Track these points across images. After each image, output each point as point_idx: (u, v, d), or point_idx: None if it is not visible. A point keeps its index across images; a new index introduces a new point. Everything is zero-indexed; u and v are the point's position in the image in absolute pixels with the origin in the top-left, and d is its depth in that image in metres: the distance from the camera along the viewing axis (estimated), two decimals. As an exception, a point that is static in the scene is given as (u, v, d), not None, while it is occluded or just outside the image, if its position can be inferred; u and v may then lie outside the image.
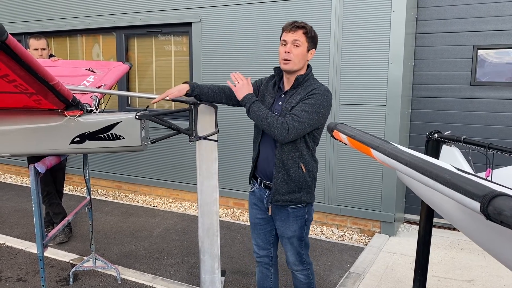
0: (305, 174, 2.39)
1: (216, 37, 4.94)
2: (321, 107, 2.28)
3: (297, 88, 2.37)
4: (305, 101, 2.27)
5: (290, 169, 2.36)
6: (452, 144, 2.27)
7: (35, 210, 2.66)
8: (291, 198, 2.40)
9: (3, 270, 3.65)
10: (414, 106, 4.60)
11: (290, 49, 2.30)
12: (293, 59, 2.31)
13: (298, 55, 2.30)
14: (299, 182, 2.39)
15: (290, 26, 2.31)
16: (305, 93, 2.31)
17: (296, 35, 2.29)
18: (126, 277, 3.53)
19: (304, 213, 2.47)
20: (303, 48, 2.31)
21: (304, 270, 2.59)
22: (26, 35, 6.12)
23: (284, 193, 2.39)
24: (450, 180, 0.93)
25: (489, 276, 3.49)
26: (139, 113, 2.59)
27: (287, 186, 2.38)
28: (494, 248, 1.31)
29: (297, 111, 2.25)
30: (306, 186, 2.42)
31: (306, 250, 2.59)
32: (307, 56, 2.35)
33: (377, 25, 4.12)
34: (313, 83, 2.36)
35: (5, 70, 1.90)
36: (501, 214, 0.78)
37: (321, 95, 2.28)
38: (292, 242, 2.51)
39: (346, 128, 1.44)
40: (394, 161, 1.13)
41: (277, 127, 2.22)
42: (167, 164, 5.52)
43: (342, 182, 4.47)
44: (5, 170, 7.08)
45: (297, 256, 2.55)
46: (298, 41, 2.29)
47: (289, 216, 2.45)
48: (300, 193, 2.40)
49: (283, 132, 2.22)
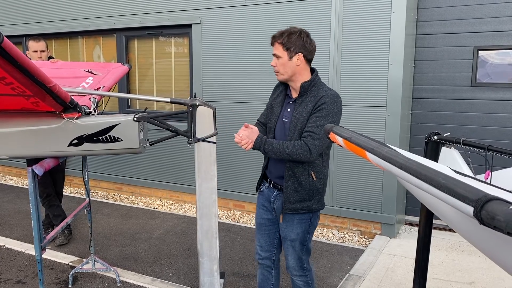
0: (315, 182, 2.41)
1: (216, 38, 4.94)
2: (334, 115, 2.32)
3: (305, 95, 2.38)
4: (317, 114, 2.30)
5: (301, 177, 2.39)
6: (451, 146, 2.25)
7: (33, 213, 2.65)
8: (302, 207, 2.42)
9: (3, 272, 3.64)
10: (414, 107, 4.58)
11: (274, 62, 2.40)
12: (280, 70, 2.39)
13: (282, 65, 2.38)
14: (309, 190, 2.40)
15: (271, 40, 2.40)
16: (315, 101, 2.32)
17: (274, 48, 2.39)
18: (126, 279, 3.52)
19: (309, 217, 2.47)
20: (284, 58, 2.36)
21: (303, 277, 2.57)
22: (26, 37, 6.12)
23: (295, 201, 2.41)
24: (444, 183, 0.92)
25: (490, 279, 3.47)
26: (137, 115, 2.59)
27: (297, 195, 2.40)
28: (491, 251, 1.30)
29: (313, 127, 2.28)
30: (317, 194, 2.44)
31: (307, 256, 2.57)
32: (293, 63, 2.35)
33: (377, 26, 4.11)
34: (321, 89, 2.37)
35: (2, 73, 1.90)
36: (494, 218, 0.77)
37: (331, 103, 2.31)
38: (294, 245, 2.50)
39: (342, 130, 1.43)
40: (389, 164, 1.12)
41: (298, 153, 2.27)
42: (167, 166, 5.52)
43: (343, 183, 4.46)
44: (6, 172, 7.09)
45: (297, 260, 2.53)
46: (277, 53, 2.38)
47: (293, 218, 2.46)
48: (311, 201, 2.43)
49: (306, 155, 2.27)
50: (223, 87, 4.98)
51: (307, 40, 2.36)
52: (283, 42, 2.33)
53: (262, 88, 4.70)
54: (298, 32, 2.34)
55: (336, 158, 4.43)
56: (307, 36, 2.37)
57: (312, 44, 2.39)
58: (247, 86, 4.82)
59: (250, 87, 4.81)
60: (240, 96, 4.88)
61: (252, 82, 4.78)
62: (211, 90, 5.05)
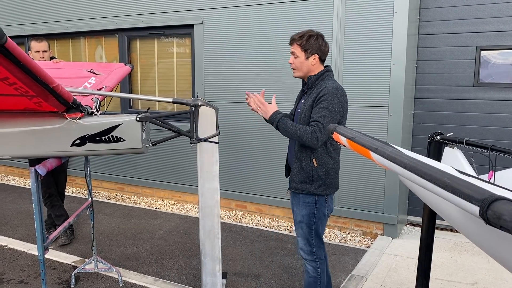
0: (317, 168, 2.61)
1: (218, 38, 4.94)
2: (334, 106, 2.51)
3: (312, 88, 2.63)
4: (319, 105, 2.52)
5: (303, 161, 2.63)
6: (454, 146, 2.24)
7: (36, 213, 2.65)
8: (302, 188, 2.65)
9: (5, 272, 3.65)
10: (416, 107, 4.57)
11: (292, 60, 2.67)
12: (297, 67, 2.66)
13: (299, 64, 2.64)
14: (310, 174, 2.62)
15: (290, 40, 2.66)
16: (317, 93, 2.55)
17: (293, 48, 2.65)
18: (128, 279, 3.52)
19: (314, 201, 2.65)
20: (301, 57, 2.62)
21: (313, 262, 2.71)
22: (28, 37, 6.13)
23: (297, 181, 2.67)
24: (449, 183, 0.92)
25: (492, 279, 3.46)
26: (140, 115, 2.59)
27: (300, 176, 2.65)
28: (495, 251, 1.29)
29: (318, 117, 2.50)
30: (319, 180, 2.62)
31: (318, 241, 2.70)
32: (309, 63, 2.62)
33: (379, 26, 4.11)
34: (323, 84, 2.59)
35: (5, 73, 1.90)
36: (501, 218, 0.77)
37: (330, 95, 2.52)
38: (301, 227, 2.69)
39: (345, 130, 1.43)
40: (393, 164, 1.11)
41: (307, 137, 2.49)
42: (169, 166, 5.52)
43: (345, 184, 4.45)
44: (8, 172, 7.10)
45: (306, 243, 2.69)
46: (295, 53, 2.64)
47: (299, 201, 2.69)
48: (312, 184, 2.63)
49: (314, 141, 2.49)
50: (225, 88, 4.98)
51: (323, 43, 2.63)
52: (302, 44, 2.60)
53: (264, 88, 4.69)
54: (316, 35, 2.61)
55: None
56: (323, 39, 2.64)
57: (326, 46, 2.66)
58: (249, 86, 4.81)
59: (252, 88, 4.81)
60: (242, 97, 4.87)
61: (254, 82, 4.78)
62: (213, 91, 5.05)
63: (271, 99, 2.72)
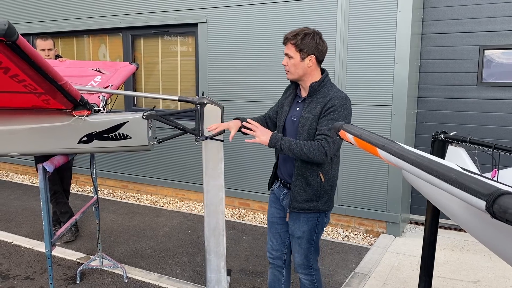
0: (324, 184, 2.40)
1: (222, 37, 4.96)
2: (344, 117, 2.31)
3: (314, 95, 2.38)
4: (328, 117, 2.29)
5: (309, 177, 2.39)
6: (458, 144, 2.26)
7: (44, 209, 2.68)
8: (308, 206, 2.43)
9: (11, 269, 3.68)
10: (420, 106, 4.59)
11: (286, 61, 2.40)
12: (290, 69, 2.40)
13: (293, 66, 2.38)
14: (317, 191, 2.40)
15: (283, 40, 2.40)
16: (324, 102, 2.32)
17: (287, 48, 2.38)
18: (132, 276, 3.55)
19: (316, 216, 2.46)
20: (296, 59, 2.36)
21: (309, 275, 2.58)
22: (33, 35, 6.17)
23: (301, 200, 2.42)
24: (456, 179, 0.94)
25: (495, 277, 3.48)
26: (146, 113, 2.62)
27: (305, 194, 2.41)
28: (500, 248, 1.32)
29: (327, 130, 2.28)
30: (325, 195, 2.44)
31: (315, 255, 2.58)
32: (305, 64, 2.36)
33: (383, 26, 4.12)
34: (330, 90, 2.36)
35: (15, 70, 1.93)
36: (507, 212, 0.79)
37: (340, 105, 2.30)
38: (300, 243, 2.51)
39: (352, 128, 1.45)
40: (400, 160, 1.14)
41: (314, 154, 2.25)
42: (173, 164, 5.55)
43: (348, 182, 4.48)
44: (13, 169, 7.14)
45: (304, 259, 2.54)
46: (289, 54, 2.38)
47: (299, 216, 2.47)
48: (318, 201, 2.43)
49: (322, 156, 2.27)
50: (229, 86, 5.00)
51: (320, 42, 2.35)
52: (297, 44, 2.32)
53: (268, 87, 4.72)
54: (312, 33, 2.33)
55: (341, 157, 4.43)
56: (320, 38, 2.36)
57: (324, 45, 2.38)
58: (253, 85, 4.84)
59: (256, 86, 4.83)
60: (245, 95, 4.90)
61: (258, 81, 4.80)
62: (217, 89, 5.08)
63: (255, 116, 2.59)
